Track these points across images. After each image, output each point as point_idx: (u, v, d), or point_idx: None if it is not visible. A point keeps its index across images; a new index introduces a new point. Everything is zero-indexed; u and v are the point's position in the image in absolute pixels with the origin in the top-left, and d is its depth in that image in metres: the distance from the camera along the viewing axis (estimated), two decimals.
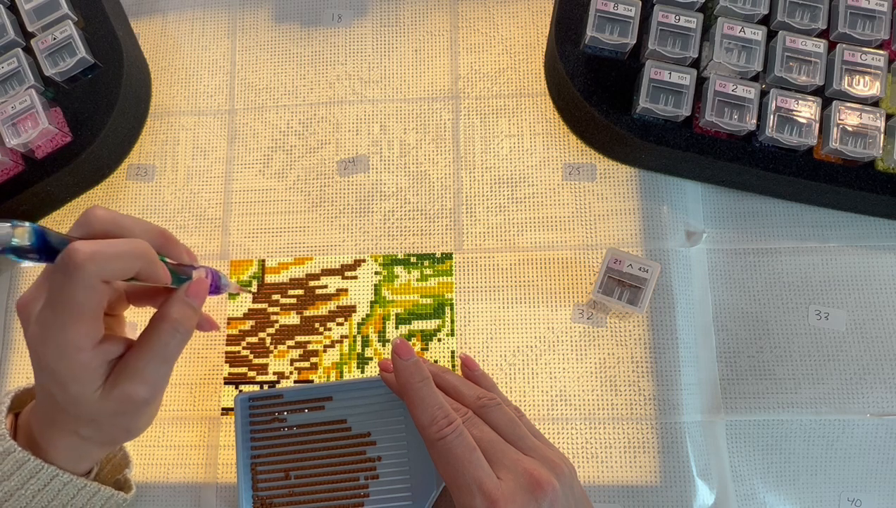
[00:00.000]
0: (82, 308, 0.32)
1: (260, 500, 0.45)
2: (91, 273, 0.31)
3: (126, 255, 0.32)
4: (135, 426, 0.37)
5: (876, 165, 0.47)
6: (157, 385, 0.36)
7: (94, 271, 0.31)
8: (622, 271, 0.47)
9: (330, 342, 0.51)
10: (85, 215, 0.33)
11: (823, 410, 0.48)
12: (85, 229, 0.33)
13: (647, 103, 0.47)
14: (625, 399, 0.48)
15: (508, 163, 0.53)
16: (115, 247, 0.32)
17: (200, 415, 0.50)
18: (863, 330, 0.49)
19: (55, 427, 0.36)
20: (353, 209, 0.54)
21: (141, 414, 0.37)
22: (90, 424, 0.35)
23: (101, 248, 0.31)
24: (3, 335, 0.54)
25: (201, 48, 0.58)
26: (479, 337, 0.50)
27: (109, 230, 0.33)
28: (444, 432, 0.36)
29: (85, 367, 0.33)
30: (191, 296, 0.36)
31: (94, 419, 0.35)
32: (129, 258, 0.32)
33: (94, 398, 0.34)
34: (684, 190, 0.52)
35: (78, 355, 0.33)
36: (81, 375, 0.33)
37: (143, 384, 0.35)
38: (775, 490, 0.47)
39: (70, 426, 0.36)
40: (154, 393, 0.36)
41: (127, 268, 0.32)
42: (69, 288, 0.31)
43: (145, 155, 0.56)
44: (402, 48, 0.57)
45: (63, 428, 0.36)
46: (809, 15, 0.48)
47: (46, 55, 0.51)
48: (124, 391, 0.34)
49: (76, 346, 0.32)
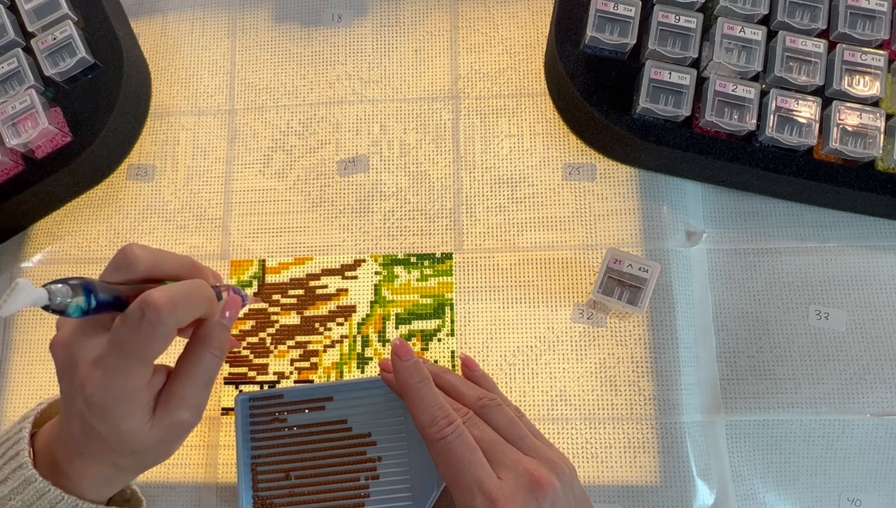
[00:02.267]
0: (154, 355, 0.32)
1: (260, 500, 0.45)
2: (171, 324, 0.31)
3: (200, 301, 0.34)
4: (174, 448, 0.37)
5: (876, 165, 0.47)
6: (201, 409, 0.36)
7: (172, 321, 0.31)
8: (622, 271, 0.47)
9: (330, 342, 0.51)
10: (124, 257, 0.33)
11: (823, 410, 0.48)
12: (128, 273, 0.33)
13: (647, 103, 0.47)
14: (625, 399, 0.48)
15: (508, 163, 0.53)
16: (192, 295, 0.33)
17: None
18: (863, 330, 0.49)
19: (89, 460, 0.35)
20: (353, 209, 0.54)
21: (184, 438, 0.37)
22: (132, 455, 0.35)
23: (178, 298, 0.32)
24: (3, 335, 0.54)
25: (201, 48, 0.58)
26: (479, 337, 0.50)
27: (151, 273, 0.34)
28: (445, 432, 0.36)
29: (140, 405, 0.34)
30: (226, 318, 0.37)
31: (137, 449, 0.35)
32: (200, 304, 0.34)
33: (145, 431, 0.34)
34: (684, 190, 0.52)
35: (135, 395, 0.33)
36: (135, 412, 0.33)
37: (190, 409, 0.35)
38: (775, 490, 0.47)
39: (108, 459, 0.35)
40: (198, 417, 0.36)
41: (199, 313, 0.34)
42: (148, 339, 0.31)
43: (145, 155, 0.56)
44: (402, 48, 0.57)
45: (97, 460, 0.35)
46: (809, 15, 0.48)
47: (46, 55, 0.51)
48: (173, 419, 0.34)
49: (138, 387, 0.33)
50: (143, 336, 0.31)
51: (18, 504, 0.34)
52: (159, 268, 0.34)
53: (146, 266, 0.33)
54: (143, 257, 0.33)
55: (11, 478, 0.35)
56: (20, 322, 0.53)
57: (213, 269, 0.53)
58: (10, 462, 0.36)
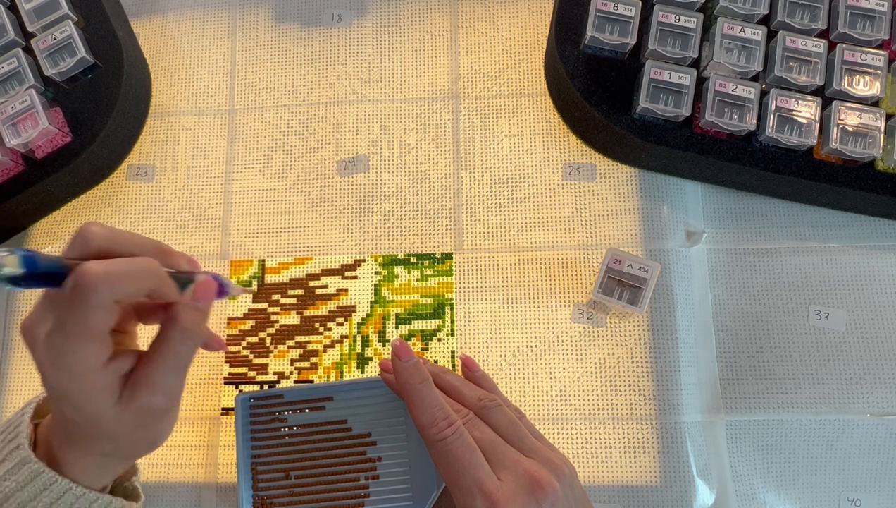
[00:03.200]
0: (94, 331, 0.31)
1: (260, 500, 0.45)
2: (104, 295, 0.30)
3: (137, 274, 0.32)
4: (156, 436, 0.37)
5: (876, 165, 0.47)
6: (173, 394, 0.35)
7: (106, 292, 0.30)
8: (622, 271, 0.47)
9: (330, 342, 0.51)
10: (80, 233, 0.32)
11: (823, 410, 0.48)
12: (81, 247, 0.32)
13: (647, 103, 0.47)
14: (625, 399, 0.48)
15: (508, 163, 0.53)
16: (125, 267, 0.31)
17: (200, 415, 0.51)
18: (863, 330, 0.49)
19: (75, 447, 0.35)
20: (353, 209, 0.54)
21: (161, 424, 0.36)
22: (110, 440, 0.35)
23: (112, 268, 0.31)
24: (3, 334, 0.54)
25: (201, 48, 0.58)
26: (479, 337, 0.50)
27: (106, 247, 0.33)
28: (445, 433, 0.36)
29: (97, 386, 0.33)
30: (198, 298, 0.36)
31: (113, 435, 0.34)
32: (141, 278, 0.32)
33: (112, 415, 0.33)
34: (684, 190, 0.52)
35: (90, 375, 0.32)
36: (95, 394, 0.33)
37: (159, 394, 0.34)
38: (775, 490, 0.47)
39: (91, 446, 0.35)
40: (171, 402, 0.35)
41: (139, 288, 0.32)
42: (82, 311, 0.30)
43: (145, 155, 0.56)
44: (402, 48, 0.57)
45: (83, 448, 0.35)
46: (809, 15, 0.48)
47: (46, 55, 0.51)
48: (141, 403, 0.34)
49: (88, 367, 0.32)
50: (78, 308, 0.30)
51: (14, 485, 0.35)
52: (117, 245, 0.33)
53: (101, 242, 0.32)
54: (98, 233, 0.32)
55: (9, 459, 0.35)
56: (20, 323, 0.53)
57: (213, 268, 0.53)
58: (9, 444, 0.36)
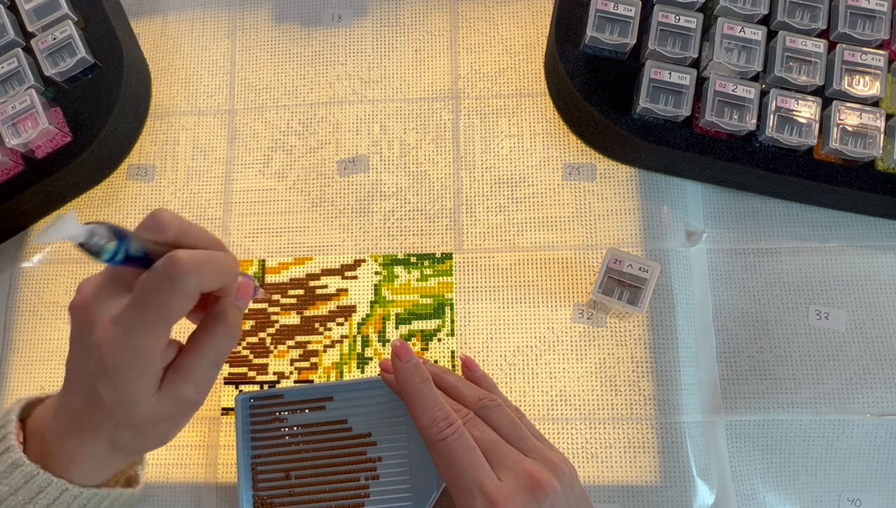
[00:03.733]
0: (173, 316, 0.32)
1: (260, 500, 0.45)
2: (192, 283, 0.31)
3: (222, 269, 0.33)
4: (173, 431, 0.37)
5: (876, 165, 0.47)
6: (206, 388, 0.36)
7: (195, 281, 0.31)
8: (622, 271, 0.47)
9: (330, 342, 0.51)
10: (155, 219, 0.33)
11: (823, 410, 0.48)
12: (158, 233, 0.33)
13: (647, 103, 0.47)
14: (625, 399, 0.48)
15: (508, 163, 0.53)
16: (216, 261, 0.33)
17: (200, 415, 0.50)
18: (863, 330, 0.49)
19: (84, 434, 0.35)
20: (353, 209, 0.54)
21: (184, 419, 0.37)
22: (132, 429, 0.35)
23: (204, 261, 0.32)
24: (3, 335, 0.54)
25: (201, 48, 0.58)
26: (479, 337, 0.50)
27: (179, 238, 0.34)
28: (445, 433, 0.36)
29: (153, 369, 0.33)
30: (240, 300, 0.37)
31: (139, 424, 0.34)
32: (223, 273, 0.34)
33: (150, 401, 0.34)
34: (684, 190, 0.52)
35: (153, 357, 0.33)
36: (147, 377, 0.33)
37: (194, 386, 0.35)
38: (775, 490, 0.47)
39: (106, 434, 0.35)
40: (204, 396, 0.36)
41: (219, 281, 0.33)
42: (168, 296, 0.31)
43: (145, 155, 0.56)
44: (402, 48, 0.57)
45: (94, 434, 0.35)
46: (809, 15, 0.48)
47: (46, 55, 0.51)
48: (178, 392, 0.34)
49: (154, 349, 0.33)
50: (165, 293, 0.31)
51: (5, 489, 0.34)
52: (187, 236, 0.34)
53: (175, 231, 0.33)
54: (173, 222, 0.33)
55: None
56: (20, 322, 0.54)
57: None
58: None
